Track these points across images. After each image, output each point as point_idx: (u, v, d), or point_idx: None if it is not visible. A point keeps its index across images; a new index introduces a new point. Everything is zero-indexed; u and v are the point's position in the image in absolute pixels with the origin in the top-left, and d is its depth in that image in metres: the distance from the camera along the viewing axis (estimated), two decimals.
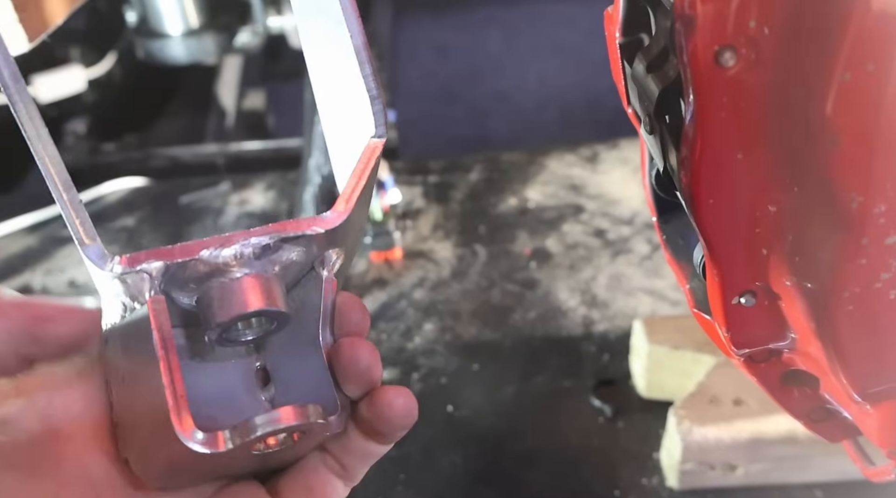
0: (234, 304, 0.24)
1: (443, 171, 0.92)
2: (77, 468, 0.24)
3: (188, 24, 0.96)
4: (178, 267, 0.23)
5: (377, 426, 0.27)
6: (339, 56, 0.28)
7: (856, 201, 0.24)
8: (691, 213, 0.30)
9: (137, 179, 0.96)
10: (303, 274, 0.26)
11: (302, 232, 0.24)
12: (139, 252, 0.23)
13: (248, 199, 0.91)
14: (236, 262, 0.24)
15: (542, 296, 0.74)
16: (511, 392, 0.65)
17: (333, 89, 0.29)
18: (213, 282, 0.24)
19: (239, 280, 0.24)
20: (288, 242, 0.24)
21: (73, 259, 0.84)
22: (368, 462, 0.28)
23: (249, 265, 0.24)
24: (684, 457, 0.53)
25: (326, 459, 0.28)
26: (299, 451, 0.27)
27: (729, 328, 0.32)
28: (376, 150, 0.26)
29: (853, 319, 0.27)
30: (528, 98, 1.92)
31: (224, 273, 0.24)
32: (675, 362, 0.60)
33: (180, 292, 0.24)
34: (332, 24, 0.27)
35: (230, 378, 0.27)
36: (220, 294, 0.24)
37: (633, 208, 0.83)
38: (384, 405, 0.26)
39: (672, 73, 0.31)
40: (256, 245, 0.24)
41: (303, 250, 0.25)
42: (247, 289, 0.24)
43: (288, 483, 0.28)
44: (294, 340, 0.27)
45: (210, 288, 0.24)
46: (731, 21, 0.24)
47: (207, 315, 0.24)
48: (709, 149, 0.27)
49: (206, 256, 0.23)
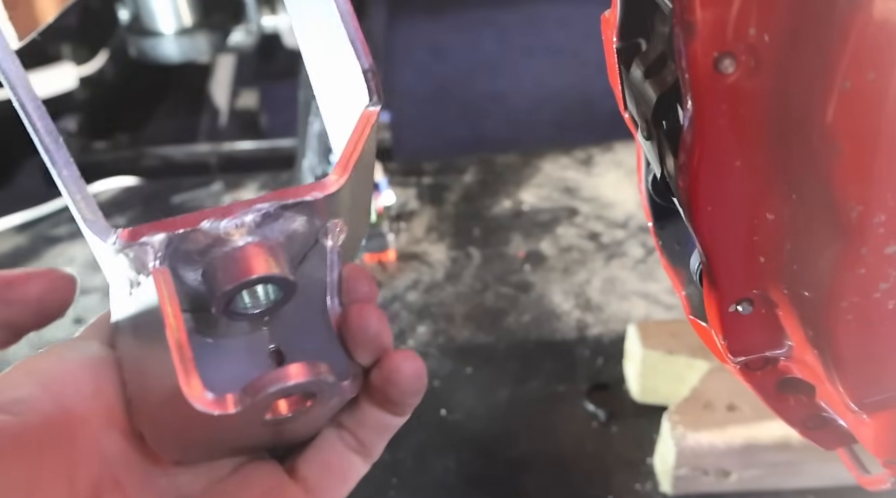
0: (238, 270, 0.23)
1: (437, 172, 0.91)
2: (91, 447, 0.24)
3: (181, 23, 0.95)
4: (181, 238, 0.23)
5: (388, 393, 0.26)
6: (329, 32, 0.27)
7: (855, 210, 0.24)
8: (689, 220, 0.29)
9: (129, 179, 0.95)
10: (308, 247, 0.26)
11: (301, 198, 0.24)
12: (141, 225, 0.23)
13: (240, 199, 0.90)
14: (238, 231, 0.24)
15: (536, 299, 0.74)
16: (505, 396, 0.65)
17: (326, 64, 0.29)
18: (216, 252, 0.24)
19: (242, 248, 0.24)
20: (288, 210, 0.24)
21: (63, 258, 0.84)
22: (385, 436, 0.28)
23: (252, 234, 0.24)
24: (678, 462, 0.53)
25: (343, 435, 0.28)
26: (312, 422, 0.27)
27: (725, 336, 0.32)
28: (371, 117, 0.26)
29: (851, 328, 0.27)
30: (523, 99, 1.91)
31: (227, 243, 0.24)
32: (669, 367, 0.60)
33: (186, 267, 0.24)
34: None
35: (243, 360, 0.26)
36: (223, 263, 0.24)
37: (627, 211, 0.83)
38: (392, 370, 0.26)
39: (670, 79, 0.31)
40: (257, 213, 0.24)
41: (305, 220, 0.25)
42: (250, 256, 0.24)
43: (305, 461, 0.28)
44: (304, 317, 0.27)
45: (214, 259, 0.24)
46: (731, 28, 0.24)
47: (212, 286, 0.24)
48: (707, 156, 0.27)
49: (208, 226, 0.23)
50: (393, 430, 0.28)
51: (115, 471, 0.25)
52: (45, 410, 0.23)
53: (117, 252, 0.23)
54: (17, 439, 0.23)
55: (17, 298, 0.24)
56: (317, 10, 0.27)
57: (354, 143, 0.25)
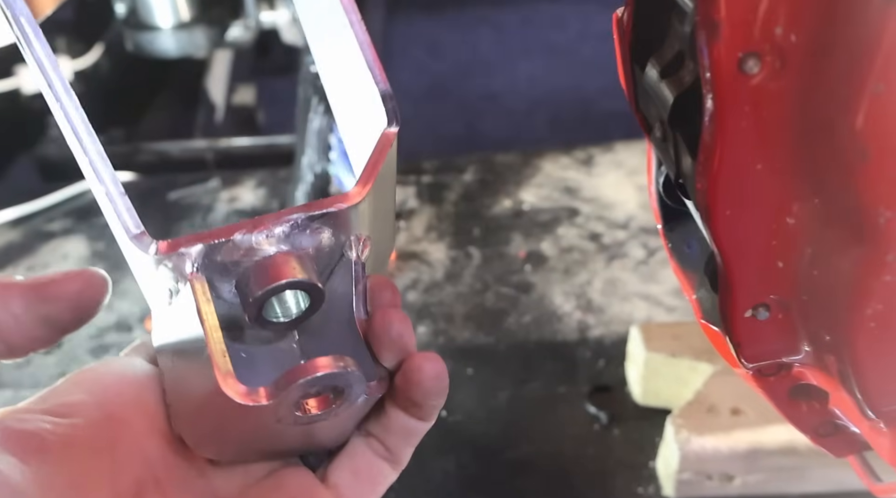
0: (268, 276, 0.25)
1: (436, 171, 0.91)
2: (133, 449, 0.26)
3: (179, 17, 0.94)
4: (215, 249, 0.25)
5: (410, 394, 0.27)
6: (346, 54, 0.29)
7: (883, 216, 0.23)
8: (706, 223, 0.29)
9: (124, 174, 0.94)
10: (335, 262, 0.27)
11: (327, 209, 0.26)
12: (179, 238, 0.25)
13: (238, 196, 0.89)
14: (268, 241, 0.25)
15: (536, 300, 0.73)
16: (505, 398, 0.64)
17: (344, 84, 0.31)
18: (248, 262, 0.26)
19: (272, 256, 0.25)
20: (315, 220, 0.26)
21: (57, 255, 0.82)
22: (412, 441, 0.29)
23: (281, 244, 0.26)
24: (682, 466, 0.53)
25: (371, 442, 0.29)
26: (342, 426, 0.28)
27: (740, 342, 0.31)
28: (390, 138, 0.28)
29: (874, 336, 0.26)
30: (519, 98, 1.91)
31: (258, 253, 0.25)
32: (671, 370, 0.59)
33: (221, 279, 0.26)
34: (336, 24, 0.29)
35: (276, 373, 0.27)
36: (255, 271, 0.25)
37: (628, 212, 0.83)
38: (413, 370, 0.27)
39: (688, 79, 0.30)
40: (286, 224, 0.25)
41: (330, 233, 0.26)
42: (279, 263, 0.25)
43: (335, 468, 0.29)
44: (332, 330, 0.28)
45: (246, 268, 0.26)
46: (758, 27, 0.24)
47: (245, 293, 0.26)
48: (728, 159, 0.26)
49: (240, 237, 0.25)
50: (419, 435, 0.29)
51: (156, 472, 0.26)
52: (92, 415, 0.25)
53: (157, 264, 0.24)
54: (65, 441, 0.24)
55: (55, 295, 0.26)
56: (336, 36, 0.29)
57: (375, 161, 0.27)
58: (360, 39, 0.28)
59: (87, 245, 0.84)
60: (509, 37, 2.12)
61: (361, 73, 0.29)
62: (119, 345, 0.72)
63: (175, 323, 0.26)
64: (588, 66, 1.98)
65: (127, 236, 0.24)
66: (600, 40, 2.07)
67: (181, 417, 0.27)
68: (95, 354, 0.71)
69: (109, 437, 0.26)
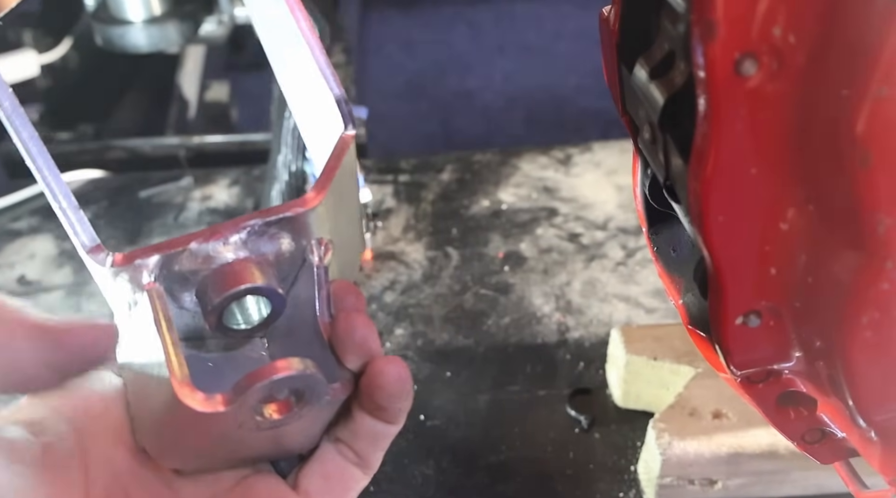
0: (226, 283, 0.25)
1: (413, 170, 0.89)
2: (102, 462, 0.26)
3: (150, 11, 0.92)
4: (171, 259, 0.25)
5: (374, 397, 0.27)
6: (300, 62, 0.30)
7: (883, 223, 0.23)
8: (697, 228, 0.28)
9: (94, 172, 0.92)
10: (297, 267, 0.28)
11: (282, 214, 0.26)
12: (134, 250, 0.25)
13: (211, 194, 0.87)
14: (225, 248, 0.25)
15: (515, 301, 0.72)
16: (484, 401, 0.63)
17: (300, 88, 0.31)
18: (206, 270, 0.26)
19: (230, 263, 0.26)
20: (272, 226, 0.26)
21: (24, 255, 0.80)
22: (380, 445, 0.29)
23: (239, 251, 0.26)
24: (663, 471, 0.52)
25: (341, 448, 0.29)
26: (309, 430, 0.28)
27: (730, 349, 0.31)
28: (347, 141, 0.28)
29: (869, 344, 0.26)
30: (495, 96, 1.91)
31: (215, 261, 0.26)
32: (652, 373, 0.59)
33: (181, 290, 0.26)
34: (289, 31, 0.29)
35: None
36: (213, 279, 0.25)
37: (606, 212, 0.82)
38: (376, 374, 0.27)
39: (679, 80, 0.29)
40: (243, 231, 0.25)
41: (290, 238, 0.27)
42: (237, 269, 0.25)
43: (305, 474, 0.29)
44: (297, 336, 0.28)
45: (205, 276, 0.26)
46: (755, 27, 0.23)
47: (204, 301, 0.26)
48: (722, 163, 0.26)
49: (196, 246, 0.25)
50: (387, 439, 0.29)
51: (125, 484, 0.27)
52: (60, 431, 0.26)
53: (115, 276, 0.24)
54: (36, 458, 0.24)
55: (70, 345, 0.26)
56: (287, 39, 0.30)
57: (332, 165, 0.27)
58: (311, 45, 0.29)
59: (54, 244, 0.81)
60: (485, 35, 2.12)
61: (316, 80, 0.29)
62: None
63: (135, 335, 0.26)
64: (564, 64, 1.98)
65: (83, 250, 0.25)
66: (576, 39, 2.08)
67: (143, 429, 0.27)
68: None
69: (78, 451, 0.26)
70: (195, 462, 0.28)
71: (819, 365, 0.30)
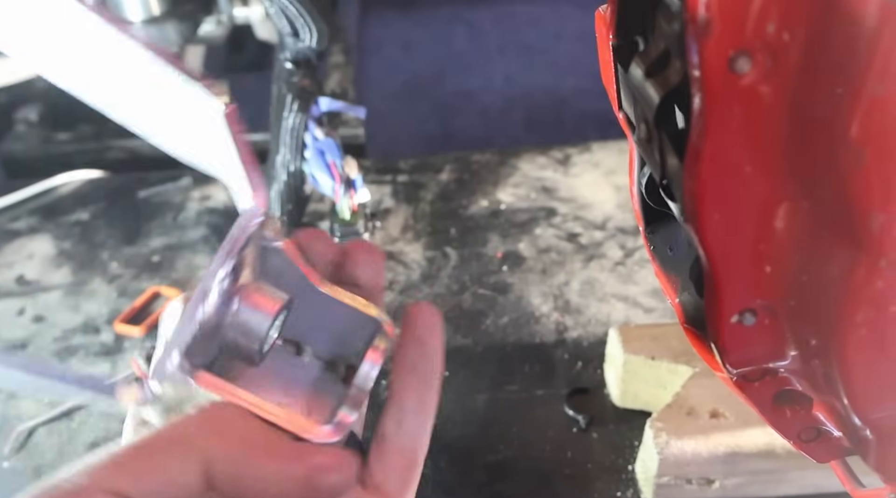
0: (256, 326, 0.27)
1: (412, 170, 0.89)
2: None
3: (149, 11, 0.92)
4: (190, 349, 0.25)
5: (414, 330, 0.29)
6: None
7: (877, 221, 0.23)
8: (693, 226, 0.28)
9: (93, 172, 0.92)
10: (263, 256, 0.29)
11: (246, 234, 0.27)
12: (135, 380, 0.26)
13: (210, 194, 0.87)
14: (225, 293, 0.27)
15: (514, 301, 0.72)
16: (482, 400, 0.63)
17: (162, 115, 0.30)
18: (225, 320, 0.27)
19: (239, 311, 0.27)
20: (241, 251, 0.27)
21: (22, 254, 0.80)
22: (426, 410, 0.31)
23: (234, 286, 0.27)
24: (661, 471, 0.52)
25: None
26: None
27: (726, 347, 0.31)
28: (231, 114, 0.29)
29: (864, 342, 0.26)
30: (494, 97, 1.91)
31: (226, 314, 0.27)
32: (650, 372, 0.59)
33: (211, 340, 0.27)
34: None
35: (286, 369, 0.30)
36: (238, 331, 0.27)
37: (605, 213, 0.82)
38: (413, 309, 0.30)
39: (674, 79, 0.29)
40: (225, 273, 0.26)
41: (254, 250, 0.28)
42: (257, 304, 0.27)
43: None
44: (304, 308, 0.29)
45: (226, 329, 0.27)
46: (750, 25, 0.23)
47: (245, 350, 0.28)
48: (716, 161, 0.26)
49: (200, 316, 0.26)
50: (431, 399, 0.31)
51: None
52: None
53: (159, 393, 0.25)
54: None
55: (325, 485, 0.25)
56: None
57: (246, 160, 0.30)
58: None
59: (53, 244, 0.81)
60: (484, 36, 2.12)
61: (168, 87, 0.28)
62: (86, 346, 0.70)
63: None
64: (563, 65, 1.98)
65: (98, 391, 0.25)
66: (576, 40, 2.07)
67: None
68: (61, 356, 0.69)
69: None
70: None
71: (814, 363, 0.30)
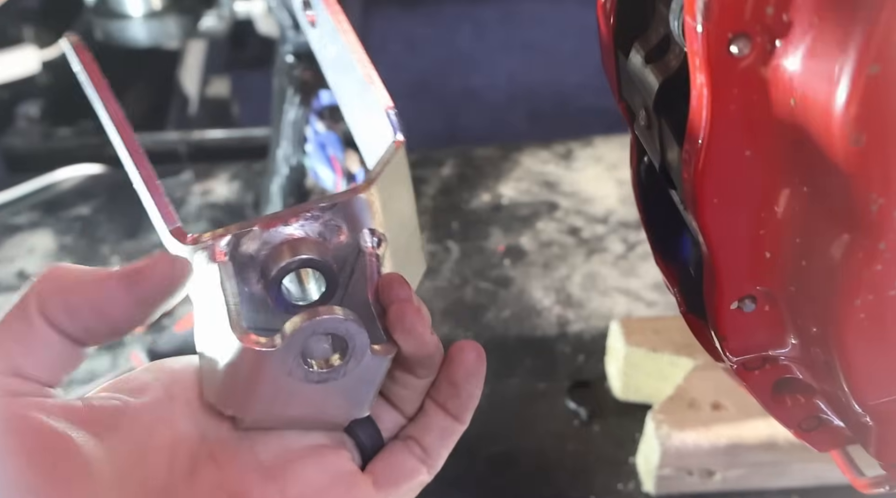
0: (284, 255, 0.29)
1: (415, 165, 0.89)
2: (191, 425, 0.29)
3: (150, 6, 0.92)
4: (240, 238, 0.28)
5: (452, 375, 0.31)
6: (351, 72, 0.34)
7: (876, 204, 0.23)
8: (692, 212, 0.28)
9: (94, 166, 0.92)
10: (354, 257, 0.30)
11: (334, 200, 0.29)
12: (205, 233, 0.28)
13: (211, 189, 0.87)
14: (286, 231, 0.29)
15: (516, 294, 0.72)
16: (484, 393, 0.63)
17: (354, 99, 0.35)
18: (269, 248, 0.29)
19: (288, 239, 0.29)
20: (326, 211, 0.29)
21: (23, 249, 0.80)
22: (447, 442, 0.32)
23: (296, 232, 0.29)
24: (662, 462, 0.52)
25: (409, 444, 0.32)
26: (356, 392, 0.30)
27: (726, 334, 0.31)
28: (398, 146, 0.31)
29: (863, 327, 0.26)
30: (498, 94, 1.90)
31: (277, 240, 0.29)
32: (652, 365, 0.59)
33: (248, 271, 0.29)
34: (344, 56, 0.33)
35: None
36: (273, 253, 0.29)
37: (607, 207, 0.82)
38: (456, 351, 0.31)
39: (674, 64, 0.29)
40: (301, 215, 0.29)
41: (344, 226, 0.29)
42: (294, 244, 0.29)
43: (374, 462, 0.32)
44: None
45: (266, 254, 0.29)
46: (748, 7, 0.23)
47: (266, 274, 0.29)
48: (716, 145, 0.26)
49: (259, 229, 0.28)
50: (454, 436, 0.32)
51: (210, 445, 0.29)
52: (157, 395, 0.29)
53: (192, 254, 0.28)
54: (133, 416, 0.28)
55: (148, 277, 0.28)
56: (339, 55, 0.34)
57: (384, 164, 0.30)
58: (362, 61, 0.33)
59: (54, 239, 0.81)
60: (488, 33, 2.12)
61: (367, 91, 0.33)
62: None
63: (208, 311, 0.29)
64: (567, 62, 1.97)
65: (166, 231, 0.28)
66: (579, 37, 2.07)
67: (209, 383, 0.30)
68: None
69: (170, 414, 0.29)
70: (253, 411, 0.30)
71: (815, 351, 0.29)
